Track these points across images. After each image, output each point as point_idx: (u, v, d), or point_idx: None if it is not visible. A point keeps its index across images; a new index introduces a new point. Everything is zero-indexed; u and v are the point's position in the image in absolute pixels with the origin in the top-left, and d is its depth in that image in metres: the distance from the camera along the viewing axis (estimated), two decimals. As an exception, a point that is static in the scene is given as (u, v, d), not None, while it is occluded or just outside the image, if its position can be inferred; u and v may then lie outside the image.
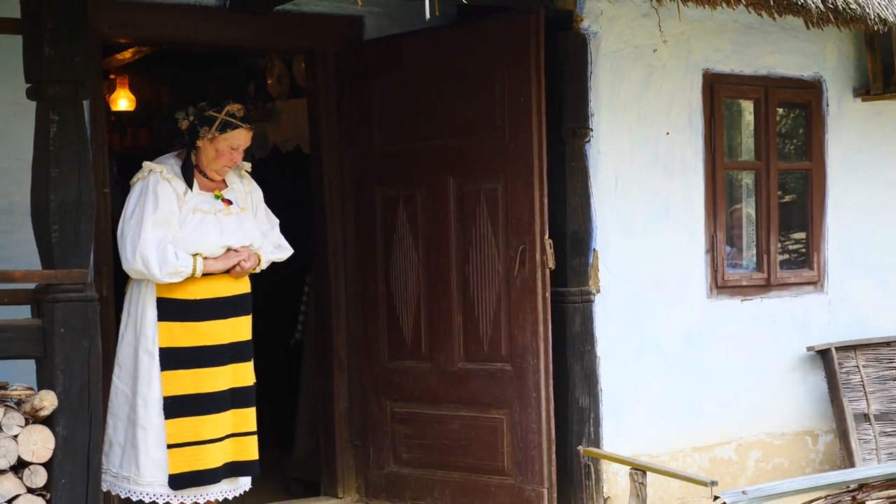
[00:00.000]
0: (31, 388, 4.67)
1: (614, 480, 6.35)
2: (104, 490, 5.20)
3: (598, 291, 6.43)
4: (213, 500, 5.29)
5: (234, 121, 5.25)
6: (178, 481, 5.13)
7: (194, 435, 5.14)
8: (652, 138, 6.75)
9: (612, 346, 6.51)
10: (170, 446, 5.13)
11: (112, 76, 8.98)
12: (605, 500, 6.28)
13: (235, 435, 5.28)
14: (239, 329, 5.32)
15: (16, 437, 4.52)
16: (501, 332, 6.03)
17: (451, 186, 6.18)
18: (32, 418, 4.57)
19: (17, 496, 4.53)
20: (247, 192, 5.46)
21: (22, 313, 4.84)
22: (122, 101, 9.27)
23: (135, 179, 5.24)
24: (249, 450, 5.34)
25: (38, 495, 4.59)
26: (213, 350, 5.21)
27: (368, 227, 6.47)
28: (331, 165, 6.55)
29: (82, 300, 4.70)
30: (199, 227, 5.18)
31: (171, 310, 5.17)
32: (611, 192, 6.55)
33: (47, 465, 4.59)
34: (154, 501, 5.18)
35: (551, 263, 5.95)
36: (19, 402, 4.57)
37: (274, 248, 5.52)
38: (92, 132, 5.32)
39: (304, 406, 7.15)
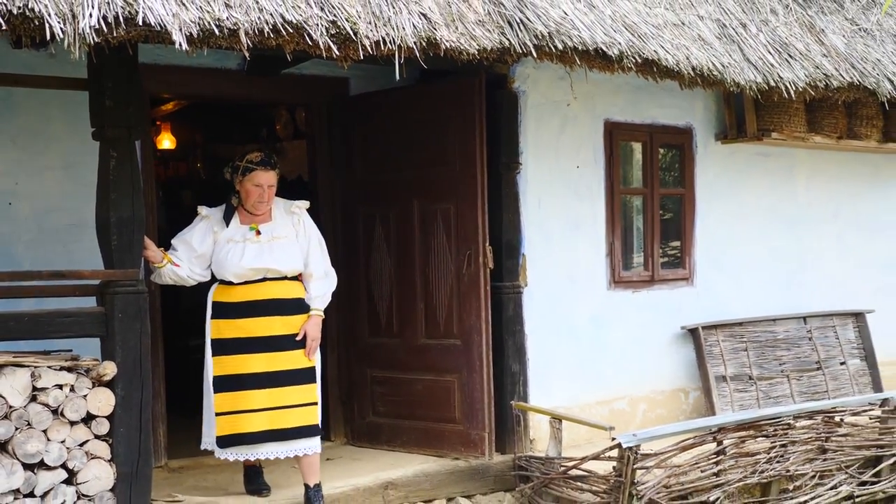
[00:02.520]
0: (97, 360, 4.64)
1: (538, 427, 6.34)
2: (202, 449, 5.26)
3: (526, 285, 6.42)
4: (262, 458, 5.15)
5: (251, 165, 5.12)
6: (223, 441, 5.05)
7: (233, 406, 5.03)
8: (566, 171, 6.75)
9: (537, 326, 6.50)
10: (217, 414, 5.06)
11: (158, 122, 8.92)
12: (531, 441, 6.28)
13: (273, 409, 5.04)
14: (273, 325, 5.08)
15: (85, 396, 4.51)
16: (453, 316, 6.02)
17: (415, 207, 6.16)
18: (98, 382, 4.56)
19: (86, 441, 4.53)
20: (294, 224, 5.24)
21: (88, 303, 4.79)
22: (166, 141, 9.20)
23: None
24: (288, 420, 5.05)
25: (102, 440, 4.57)
26: (248, 341, 5.06)
27: (353, 237, 6.43)
28: (324, 190, 6.52)
29: (135, 293, 4.68)
30: (228, 253, 5.09)
31: (219, 310, 5.12)
32: (535, 211, 6.55)
33: (109, 418, 4.58)
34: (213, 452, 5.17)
35: (491, 264, 5.96)
36: (88, 370, 4.55)
37: (324, 273, 5.29)
38: (142, 165, 5.26)
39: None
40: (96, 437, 4.54)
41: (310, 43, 4.47)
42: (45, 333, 4.56)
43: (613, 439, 5.31)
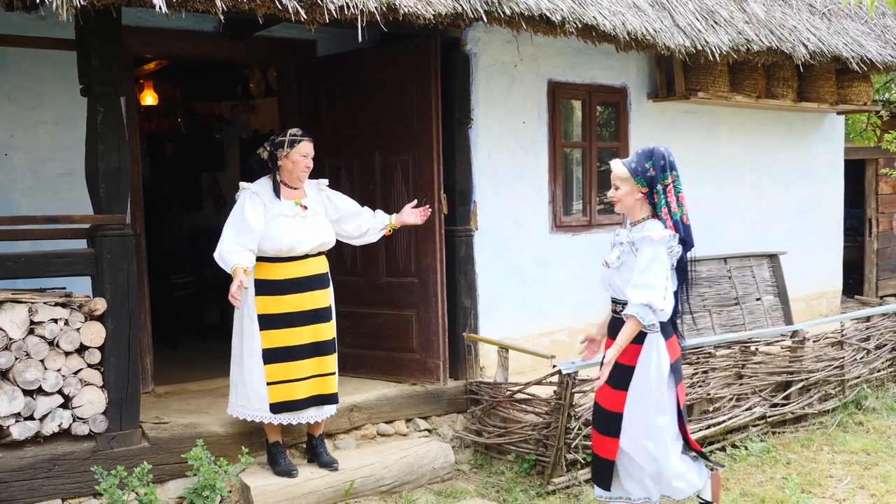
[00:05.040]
0: (88, 296, 4.67)
1: (487, 355, 6.43)
2: (231, 415, 5.04)
3: (477, 229, 6.47)
4: (303, 422, 5.03)
5: (297, 137, 4.96)
6: (276, 408, 4.89)
7: (285, 375, 4.88)
8: (513, 126, 6.78)
9: (486, 266, 6.57)
10: (268, 384, 4.87)
11: (141, 80, 8.79)
12: (481, 368, 6.38)
13: (317, 376, 4.96)
14: (316, 299, 4.94)
15: (78, 329, 4.54)
16: (412, 257, 6.06)
17: (377, 158, 6.16)
18: (89, 316, 4.58)
19: (80, 369, 4.58)
20: (325, 199, 5.14)
21: (80, 245, 4.81)
22: (149, 97, 9.09)
23: (238, 195, 4.95)
24: (329, 386, 5.00)
25: (94, 369, 4.62)
26: (296, 315, 4.88)
27: (321, 185, 6.43)
28: (294, 143, 6.49)
29: (122, 235, 4.70)
30: (280, 227, 4.85)
31: (264, 287, 4.86)
32: (485, 162, 6.58)
33: (100, 349, 4.62)
34: (262, 421, 4.95)
35: (445, 210, 6.01)
36: (80, 306, 4.57)
37: (372, 215, 5.31)
38: (127, 119, 5.24)
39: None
40: (89, 365, 4.59)
41: (279, 7, 4.45)
42: (41, 273, 4.57)
43: (554, 367, 5.40)
